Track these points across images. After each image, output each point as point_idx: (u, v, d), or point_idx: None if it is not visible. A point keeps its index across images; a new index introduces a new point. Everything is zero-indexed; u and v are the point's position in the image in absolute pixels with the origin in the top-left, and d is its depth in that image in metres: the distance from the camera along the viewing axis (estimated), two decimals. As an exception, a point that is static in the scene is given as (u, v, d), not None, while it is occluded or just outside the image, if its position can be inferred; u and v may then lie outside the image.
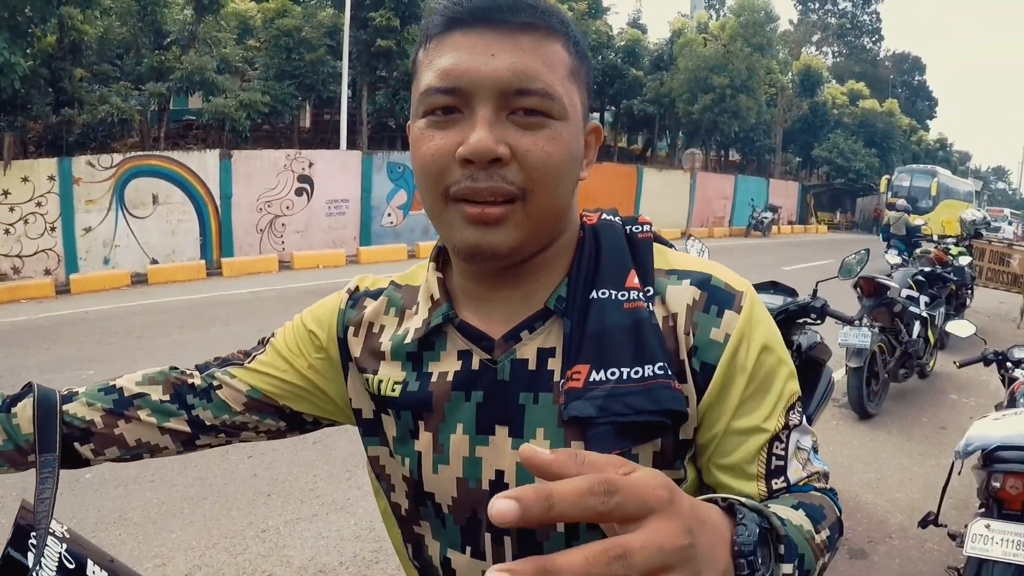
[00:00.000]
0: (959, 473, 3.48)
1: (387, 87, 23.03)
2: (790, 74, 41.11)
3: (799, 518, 0.84)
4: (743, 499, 0.70)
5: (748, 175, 35.32)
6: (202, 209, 14.37)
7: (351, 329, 1.10)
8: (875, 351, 7.11)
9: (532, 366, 0.95)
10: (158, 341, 8.57)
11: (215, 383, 1.12)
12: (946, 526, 3.64)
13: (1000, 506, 3.20)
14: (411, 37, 21.20)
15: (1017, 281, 13.98)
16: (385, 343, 1.05)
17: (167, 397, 1.12)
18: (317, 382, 1.12)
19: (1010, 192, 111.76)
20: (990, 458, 3.25)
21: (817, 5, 69.43)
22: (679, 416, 0.91)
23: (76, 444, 1.10)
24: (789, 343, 4.46)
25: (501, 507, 0.49)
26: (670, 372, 0.91)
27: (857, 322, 6.77)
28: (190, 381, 1.13)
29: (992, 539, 3.06)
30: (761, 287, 4.67)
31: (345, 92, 19.35)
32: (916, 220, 35.34)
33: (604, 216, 1.03)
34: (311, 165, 16.14)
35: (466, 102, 0.87)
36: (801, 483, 0.95)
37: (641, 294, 0.95)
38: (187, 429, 1.12)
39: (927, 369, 8.48)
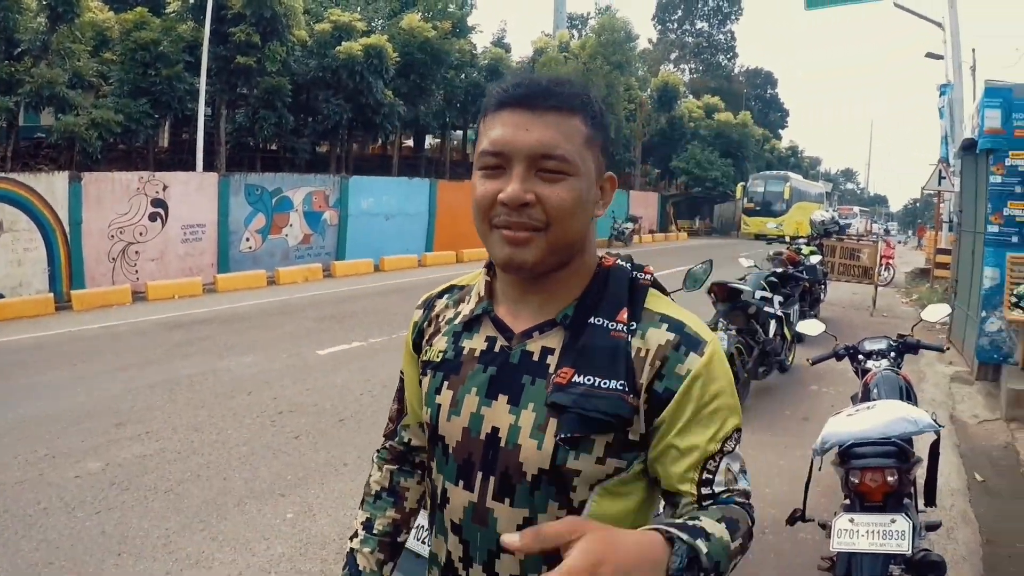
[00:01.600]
0: (819, 469, 3.58)
1: (247, 105, 22.56)
2: (649, 90, 42.38)
3: (720, 530, 1.14)
4: (680, 533, 1.07)
5: (610, 188, 36.15)
6: (50, 237, 13.47)
7: (425, 326, 1.50)
8: (733, 352, 7.32)
9: (535, 358, 1.30)
10: (-1, 386, 8.11)
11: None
12: (813, 520, 3.73)
13: (862, 499, 3.31)
14: (272, 54, 20.85)
15: (867, 273, 15.12)
16: (443, 324, 1.45)
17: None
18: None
19: (859, 191, 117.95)
20: (847, 454, 3.37)
21: (675, 25, 71.77)
22: (625, 421, 1.23)
23: None
24: None
25: (507, 540, 1.00)
26: (627, 389, 1.23)
27: (712, 327, 7.00)
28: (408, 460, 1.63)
29: (857, 532, 3.17)
30: None
31: (203, 110, 18.80)
32: (770, 223, 37.19)
33: (619, 261, 1.38)
34: (165, 188, 15.44)
35: (508, 162, 1.24)
36: (724, 495, 1.24)
37: (625, 327, 1.28)
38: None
39: (786, 364, 8.84)
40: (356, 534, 1.58)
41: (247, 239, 17.34)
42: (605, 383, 1.23)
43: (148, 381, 8.15)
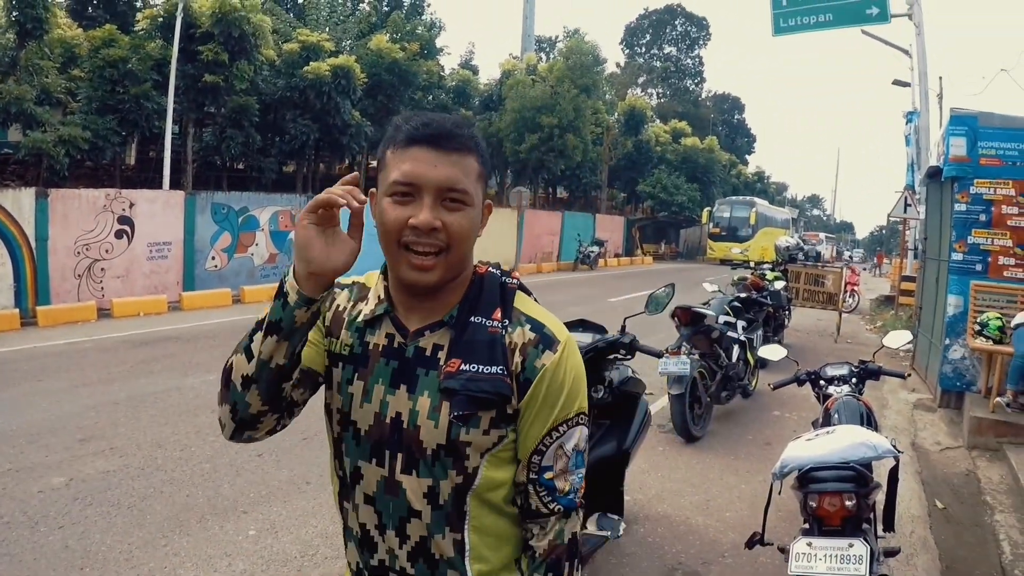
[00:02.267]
0: (779, 493, 3.63)
1: (214, 124, 22.55)
2: (616, 114, 42.72)
3: None
4: None
5: (576, 211, 36.37)
6: (16, 253, 13.43)
7: (327, 309, 1.67)
8: (696, 377, 7.43)
9: (428, 353, 1.53)
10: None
11: None
12: (772, 543, 3.77)
13: (820, 523, 3.36)
14: (240, 73, 20.89)
15: (832, 299, 15.18)
16: (345, 318, 1.63)
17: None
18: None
19: (825, 218, 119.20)
20: (806, 478, 3.40)
21: (643, 49, 72.50)
22: (505, 397, 1.48)
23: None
24: (601, 379, 4.58)
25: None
26: (505, 373, 1.49)
27: (676, 351, 7.09)
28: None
29: (815, 556, 3.22)
30: (571, 325, 4.77)
31: (170, 128, 18.79)
32: (735, 248, 37.21)
33: (490, 269, 1.62)
34: (132, 205, 15.40)
35: (418, 192, 1.45)
36: (547, 479, 1.54)
37: (499, 324, 1.53)
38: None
39: (749, 389, 8.95)
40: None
41: (213, 257, 17.30)
42: (487, 369, 1.49)
43: (112, 398, 8.19)
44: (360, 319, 1.61)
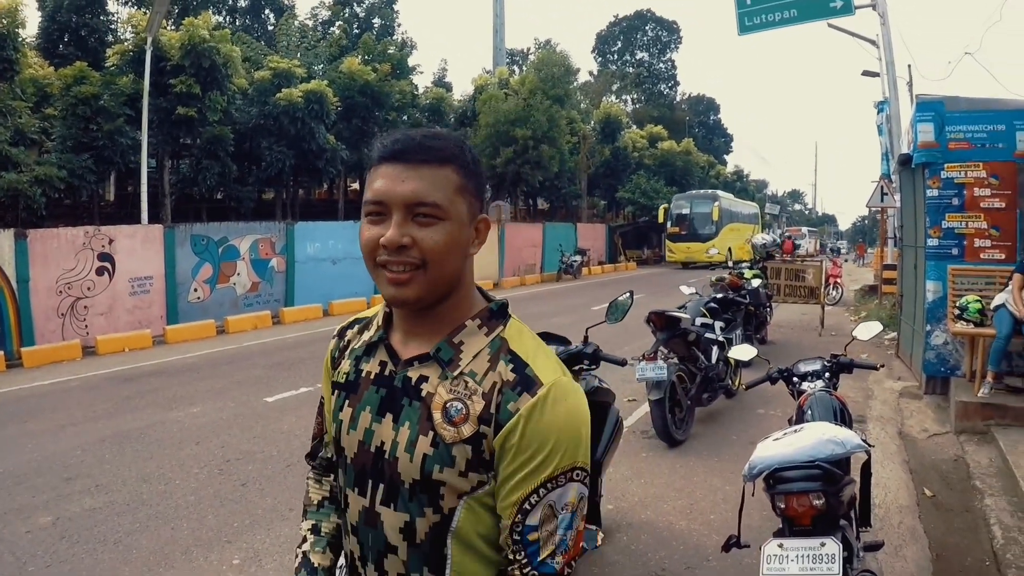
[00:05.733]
0: (752, 494, 3.57)
1: (190, 156, 22.65)
2: (592, 122, 42.79)
3: None
4: None
5: (557, 221, 36.42)
6: None
7: (337, 355, 1.70)
8: (675, 381, 7.39)
9: (413, 383, 1.48)
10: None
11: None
12: (749, 546, 3.69)
13: (791, 524, 3.31)
14: (212, 104, 21.00)
15: (814, 293, 15.09)
16: (349, 351, 1.65)
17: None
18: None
19: (807, 212, 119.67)
20: (773, 478, 3.35)
21: (615, 56, 72.86)
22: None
23: None
24: None
25: None
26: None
27: (652, 356, 7.10)
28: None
29: (787, 557, 3.16)
30: None
31: (145, 162, 18.80)
32: (712, 248, 34.57)
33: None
34: (111, 242, 15.40)
35: (387, 209, 1.42)
36: (531, 540, 1.40)
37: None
38: None
39: (732, 389, 8.86)
40: (305, 539, 1.77)
41: (195, 289, 17.28)
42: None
43: (98, 435, 8.27)
44: (358, 346, 1.63)
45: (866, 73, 23.37)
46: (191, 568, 5.10)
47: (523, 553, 1.41)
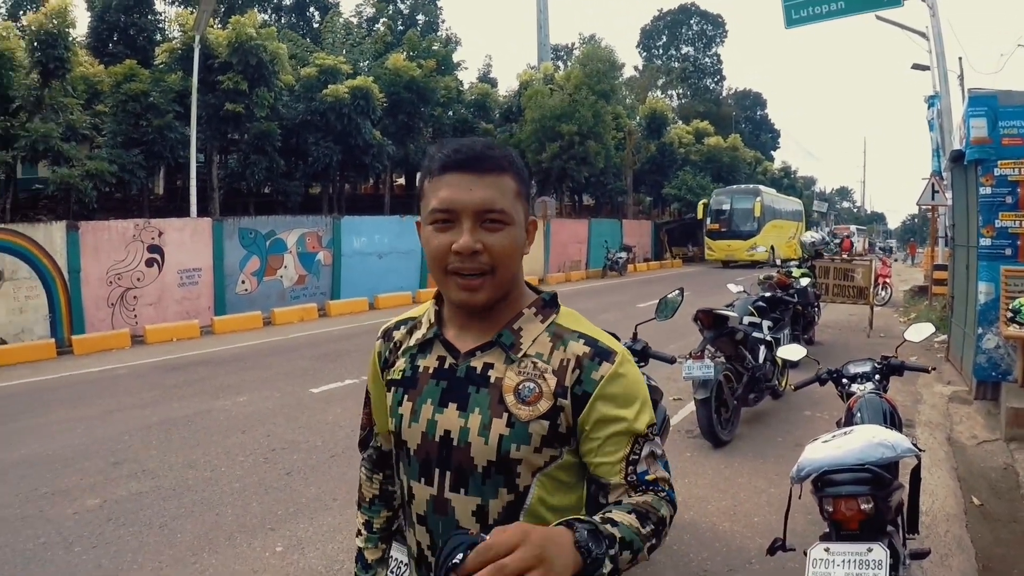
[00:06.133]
0: (799, 496, 3.49)
1: (238, 151, 22.88)
2: (637, 118, 42.44)
3: (630, 519, 1.39)
4: (578, 518, 1.31)
5: (602, 218, 36.08)
6: (50, 284, 13.84)
7: (387, 354, 1.75)
8: (721, 380, 7.24)
9: (479, 372, 1.55)
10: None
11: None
12: (794, 549, 3.64)
13: (838, 528, 3.23)
14: (260, 100, 21.20)
15: (862, 294, 14.72)
16: (401, 349, 1.71)
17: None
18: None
19: (855, 210, 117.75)
20: (821, 481, 3.28)
21: (660, 51, 72.30)
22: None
23: None
24: None
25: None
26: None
27: (699, 354, 6.95)
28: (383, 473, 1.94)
29: (833, 562, 3.09)
30: None
31: (194, 157, 19.07)
32: (759, 246, 33.30)
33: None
34: (161, 234, 15.71)
35: (456, 217, 1.48)
36: (649, 479, 1.50)
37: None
38: None
39: (779, 389, 8.69)
40: (360, 532, 1.95)
41: (243, 281, 17.51)
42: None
43: (145, 422, 8.37)
44: (413, 344, 1.68)
45: (916, 66, 22.80)
46: (234, 554, 5.12)
47: (644, 487, 1.50)
